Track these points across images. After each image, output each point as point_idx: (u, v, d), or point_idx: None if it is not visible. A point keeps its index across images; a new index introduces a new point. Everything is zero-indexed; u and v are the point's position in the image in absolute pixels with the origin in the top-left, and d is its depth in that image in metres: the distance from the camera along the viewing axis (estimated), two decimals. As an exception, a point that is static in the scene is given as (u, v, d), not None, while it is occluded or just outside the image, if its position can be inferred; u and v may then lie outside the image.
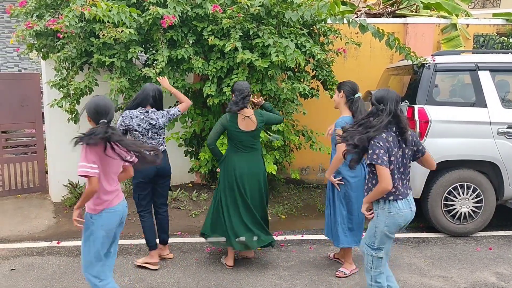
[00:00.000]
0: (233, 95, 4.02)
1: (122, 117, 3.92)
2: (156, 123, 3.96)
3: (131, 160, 2.89)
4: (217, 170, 4.25)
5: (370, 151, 2.81)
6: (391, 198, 2.86)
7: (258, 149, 4.14)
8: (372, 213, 2.98)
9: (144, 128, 3.92)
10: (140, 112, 3.93)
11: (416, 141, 2.96)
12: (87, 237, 2.89)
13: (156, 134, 4.01)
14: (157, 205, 4.22)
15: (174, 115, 4.10)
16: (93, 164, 2.72)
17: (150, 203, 4.16)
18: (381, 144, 2.79)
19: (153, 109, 4.00)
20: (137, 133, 3.92)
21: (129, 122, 3.88)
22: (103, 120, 2.78)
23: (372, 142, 2.81)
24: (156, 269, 4.10)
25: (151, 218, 4.16)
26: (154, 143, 3.99)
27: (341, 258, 4.20)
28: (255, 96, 4.46)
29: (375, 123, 2.84)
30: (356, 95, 3.84)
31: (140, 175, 3.90)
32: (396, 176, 2.85)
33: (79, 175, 2.73)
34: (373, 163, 2.79)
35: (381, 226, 2.92)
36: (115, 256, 3.10)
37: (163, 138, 4.14)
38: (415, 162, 3.06)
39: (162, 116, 4.00)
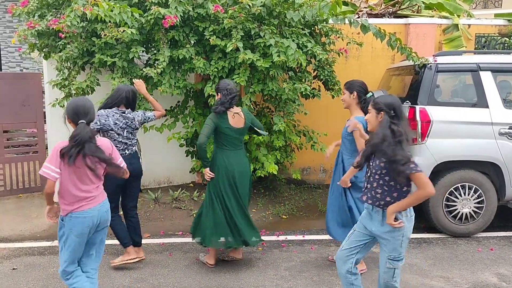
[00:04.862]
0: (218, 94, 3.99)
1: (98, 115, 3.86)
2: (132, 123, 3.99)
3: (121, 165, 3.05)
4: (204, 171, 4.08)
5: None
6: None
7: (243, 147, 4.16)
8: (401, 222, 2.75)
9: (120, 127, 3.92)
10: (115, 112, 3.94)
11: None
12: (60, 237, 2.96)
13: (131, 134, 4.02)
14: (128, 208, 4.17)
15: (149, 118, 4.14)
16: (56, 168, 2.78)
17: (118, 206, 4.13)
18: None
19: (129, 109, 4.03)
20: (113, 132, 3.91)
21: (105, 121, 3.87)
22: (82, 121, 2.83)
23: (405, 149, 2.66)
24: (136, 261, 4.16)
25: (119, 218, 4.12)
26: (128, 143, 4.00)
27: None
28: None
29: (402, 130, 2.70)
30: (369, 95, 3.83)
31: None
32: None
33: (39, 174, 2.86)
34: (413, 172, 2.63)
35: (407, 233, 2.78)
36: (99, 259, 3.16)
37: (136, 139, 4.16)
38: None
39: (138, 116, 4.04)
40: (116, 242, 4.58)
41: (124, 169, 3.14)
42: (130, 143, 4.03)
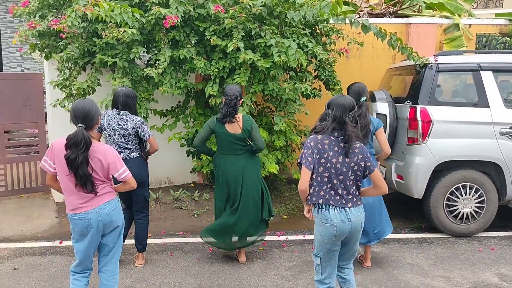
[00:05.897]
0: (224, 98, 4.01)
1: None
2: (124, 125, 3.94)
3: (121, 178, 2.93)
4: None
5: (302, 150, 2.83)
6: (322, 206, 2.78)
7: (245, 153, 4.06)
8: (310, 215, 2.92)
9: (112, 128, 3.95)
10: (112, 112, 4.00)
11: (365, 156, 2.81)
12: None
13: (122, 137, 3.96)
14: (134, 211, 4.17)
15: (143, 131, 3.97)
16: (49, 160, 2.81)
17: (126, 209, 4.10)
18: (312, 144, 2.76)
19: (126, 111, 3.99)
20: (106, 132, 3.98)
21: (102, 120, 3.91)
22: (80, 125, 2.73)
23: (306, 141, 2.82)
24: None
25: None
26: (122, 146, 3.97)
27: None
28: None
29: (320, 128, 2.82)
30: (362, 99, 3.84)
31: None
32: (333, 181, 2.76)
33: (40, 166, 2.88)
34: (298, 161, 2.80)
35: (316, 233, 2.89)
36: (116, 263, 3.07)
37: (136, 145, 4.04)
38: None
39: (133, 121, 3.95)
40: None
41: (127, 182, 3.00)
42: (124, 146, 3.99)
